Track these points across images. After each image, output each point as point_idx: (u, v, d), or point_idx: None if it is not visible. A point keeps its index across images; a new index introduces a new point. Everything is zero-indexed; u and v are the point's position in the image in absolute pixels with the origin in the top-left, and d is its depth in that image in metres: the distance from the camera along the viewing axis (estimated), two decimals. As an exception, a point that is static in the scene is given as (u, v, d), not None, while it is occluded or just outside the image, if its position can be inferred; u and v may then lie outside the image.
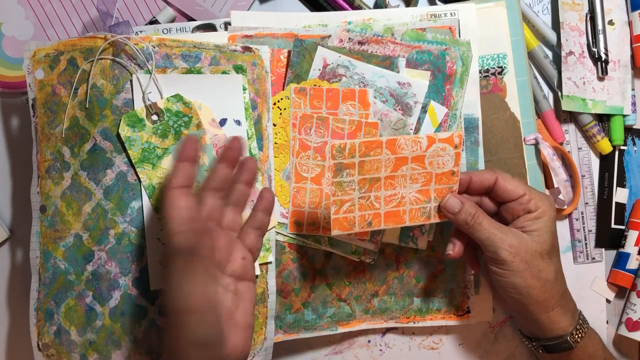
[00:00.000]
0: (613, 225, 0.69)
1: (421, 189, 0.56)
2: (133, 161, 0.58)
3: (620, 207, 0.69)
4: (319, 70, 0.61)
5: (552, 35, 0.68)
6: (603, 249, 0.69)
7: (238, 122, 0.60)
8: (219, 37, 0.61)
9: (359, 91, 0.61)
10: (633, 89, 0.68)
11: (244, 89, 0.60)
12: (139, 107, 0.58)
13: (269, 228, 0.60)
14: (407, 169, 0.55)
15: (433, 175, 0.56)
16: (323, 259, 0.63)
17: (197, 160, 0.50)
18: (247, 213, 0.56)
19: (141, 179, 0.58)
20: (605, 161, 0.69)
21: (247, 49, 0.61)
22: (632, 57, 0.67)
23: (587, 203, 0.69)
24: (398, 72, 0.62)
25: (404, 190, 0.56)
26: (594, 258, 0.69)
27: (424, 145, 0.55)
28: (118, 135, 0.58)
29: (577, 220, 0.69)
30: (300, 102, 0.61)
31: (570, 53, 0.67)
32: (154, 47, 0.59)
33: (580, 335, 0.57)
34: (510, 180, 0.57)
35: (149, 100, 0.59)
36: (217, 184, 0.52)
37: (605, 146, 0.68)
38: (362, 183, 0.54)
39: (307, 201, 0.61)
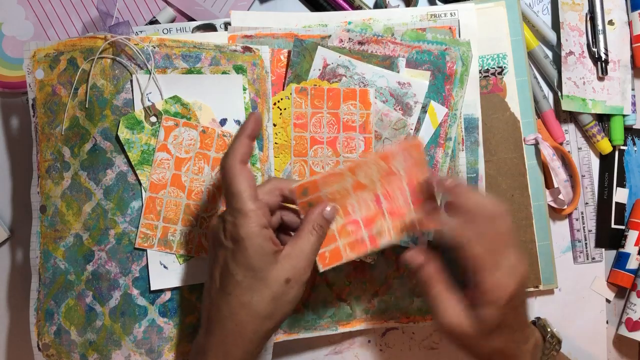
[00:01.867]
0: (613, 225, 0.69)
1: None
2: (133, 163, 0.58)
3: (620, 207, 0.69)
4: (319, 70, 0.61)
5: (552, 35, 0.68)
6: (603, 249, 0.69)
7: (238, 122, 0.60)
8: (219, 37, 0.61)
9: (360, 91, 0.61)
10: (633, 89, 0.68)
11: (244, 89, 0.60)
12: (138, 109, 0.58)
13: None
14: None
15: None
16: (323, 259, 0.63)
17: (255, 138, 0.51)
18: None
19: (141, 181, 0.58)
20: (605, 161, 0.69)
21: (247, 49, 0.61)
22: (632, 57, 0.67)
23: (587, 203, 0.69)
24: (398, 72, 0.62)
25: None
26: (594, 258, 0.69)
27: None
28: (117, 136, 0.58)
29: (577, 220, 0.69)
30: (301, 102, 0.61)
31: (570, 53, 0.67)
32: (154, 48, 0.59)
33: None
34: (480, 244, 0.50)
35: (148, 101, 0.59)
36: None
37: (605, 146, 0.68)
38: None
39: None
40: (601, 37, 0.66)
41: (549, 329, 0.57)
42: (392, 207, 0.54)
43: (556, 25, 0.69)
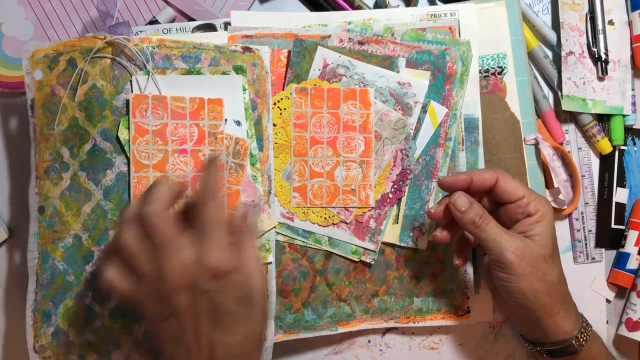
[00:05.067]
0: (613, 225, 0.69)
1: None
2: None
3: (620, 207, 0.69)
4: (319, 70, 0.61)
5: (552, 35, 0.68)
6: (603, 249, 0.69)
7: (238, 123, 0.60)
8: (219, 37, 0.61)
9: (360, 91, 0.61)
10: (633, 89, 0.68)
11: (244, 90, 0.60)
12: (139, 107, 0.58)
13: (269, 228, 0.60)
14: None
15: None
16: (323, 259, 0.63)
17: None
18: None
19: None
20: (605, 161, 0.69)
21: (247, 49, 0.61)
22: (632, 57, 0.67)
23: (587, 203, 0.69)
24: (398, 72, 0.62)
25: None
26: (594, 258, 0.69)
27: None
28: (117, 136, 0.58)
29: (577, 220, 0.69)
30: (301, 101, 0.61)
31: (570, 53, 0.67)
32: (154, 48, 0.59)
33: (584, 338, 0.57)
34: (510, 182, 0.57)
35: (148, 100, 0.59)
36: None
37: (605, 146, 0.68)
38: None
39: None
40: (601, 37, 0.66)
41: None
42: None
43: (556, 25, 0.69)
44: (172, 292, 0.45)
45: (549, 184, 0.67)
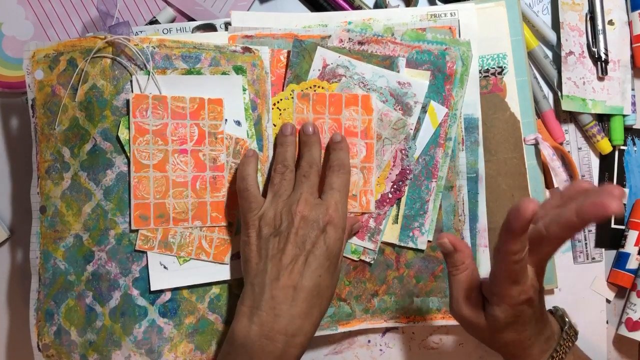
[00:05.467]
0: (613, 225, 0.69)
1: None
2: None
3: (620, 207, 0.69)
4: (319, 70, 0.61)
5: (552, 35, 0.68)
6: (603, 249, 0.69)
7: (238, 123, 0.60)
8: (219, 38, 0.61)
9: (362, 96, 0.61)
10: (633, 89, 0.68)
11: (244, 90, 0.60)
12: (139, 107, 0.59)
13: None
14: None
15: None
16: (323, 259, 0.63)
17: None
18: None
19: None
20: (605, 161, 0.69)
21: (247, 49, 0.61)
22: (632, 57, 0.67)
23: (587, 203, 0.69)
24: (398, 72, 0.62)
25: None
26: (594, 258, 0.69)
27: None
28: (118, 136, 0.58)
29: (577, 220, 0.69)
30: (303, 107, 0.61)
31: (570, 53, 0.67)
32: (154, 48, 0.59)
33: None
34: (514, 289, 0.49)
35: (149, 100, 0.59)
36: None
37: (605, 146, 0.68)
38: None
39: (152, 192, 0.59)
40: (601, 37, 0.66)
41: (567, 320, 0.55)
42: None
43: (556, 25, 0.69)
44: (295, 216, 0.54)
45: (549, 184, 0.67)
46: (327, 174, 0.58)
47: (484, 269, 0.63)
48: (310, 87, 0.62)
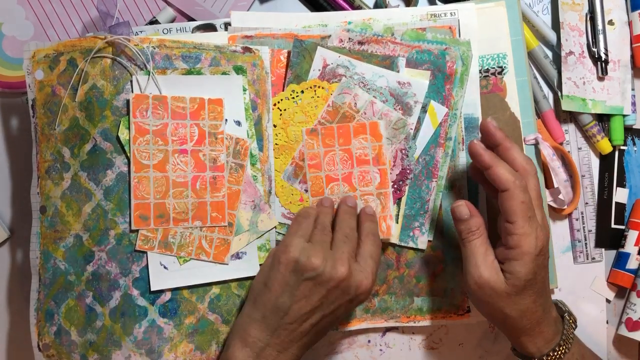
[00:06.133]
0: (613, 225, 0.69)
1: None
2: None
3: (620, 207, 0.69)
4: (319, 70, 0.61)
5: (552, 35, 0.68)
6: (603, 249, 0.69)
7: (238, 123, 0.60)
8: (219, 38, 0.61)
9: (369, 124, 0.61)
10: (633, 89, 0.68)
11: (244, 90, 0.60)
12: (139, 108, 0.59)
13: (269, 228, 0.61)
14: None
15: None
16: (323, 259, 0.63)
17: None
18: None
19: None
20: (605, 161, 0.69)
21: (247, 49, 0.61)
22: (632, 57, 0.67)
23: (587, 203, 0.69)
24: (398, 71, 0.62)
25: None
26: (594, 258, 0.69)
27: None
28: (118, 136, 0.58)
29: (577, 220, 0.69)
30: (312, 142, 0.61)
31: (570, 53, 0.67)
32: (154, 48, 0.59)
33: (555, 357, 0.56)
34: (516, 202, 0.53)
35: (149, 100, 0.59)
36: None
37: (605, 146, 0.68)
38: None
39: (152, 192, 0.59)
40: (601, 37, 0.66)
41: (565, 308, 0.60)
42: None
43: (556, 25, 0.69)
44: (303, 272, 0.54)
45: (549, 184, 0.67)
46: (363, 240, 0.58)
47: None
48: (311, 87, 0.62)
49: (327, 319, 0.55)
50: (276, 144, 0.62)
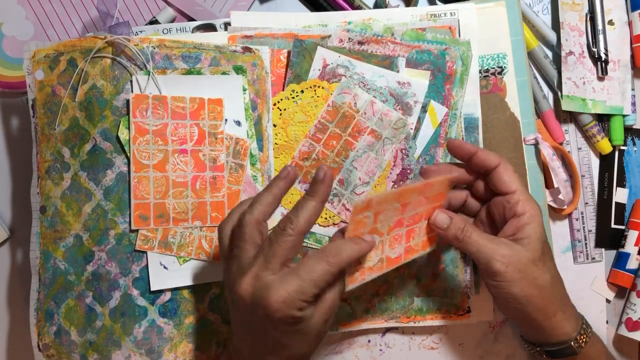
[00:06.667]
0: (613, 225, 0.69)
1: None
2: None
3: (620, 207, 0.69)
4: (319, 70, 0.62)
5: (552, 35, 0.68)
6: (603, 249, 0.69)
7: (238, 123, 0.60)
8: (219, 38, 0.61)
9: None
10: (633, 89, 0.68)
11: (244, 90, 0.60)
12: (139, 107, 0.59)
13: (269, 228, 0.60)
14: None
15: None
16: (323, 259, 0.63)
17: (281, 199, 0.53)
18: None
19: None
20: (605, 161, 0.69)
21: (247, 49, 0.61)
22: (632, 57, 0.67)
23: (587, 203, 0.69)
24: (398, 71, 0.62)
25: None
26: (594, 258, 0.69)
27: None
28: (118, 136, 0.58)
29: (577, 220, 0.69)
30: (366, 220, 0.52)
31: (570, 53, 0.67)
32: (154, 48, 0.59)
33: (584, 340, 0.56)
34: (509, 173, 0.56)
35: (149, 100, 0.59)
36: None
37: (605, 146, 0.68)
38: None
39: (152, 192, 0.59)
40: (601, 37, 0.66)
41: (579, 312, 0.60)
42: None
43: (556, 25, 0.69)
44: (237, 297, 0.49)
45: (549, 184, 0.67)
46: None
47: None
48: (311, 87, 0.62)
49: None
50: (276, 143, 0.62)
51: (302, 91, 0.62)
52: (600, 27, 0.66)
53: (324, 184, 0.49)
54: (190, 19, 0.66)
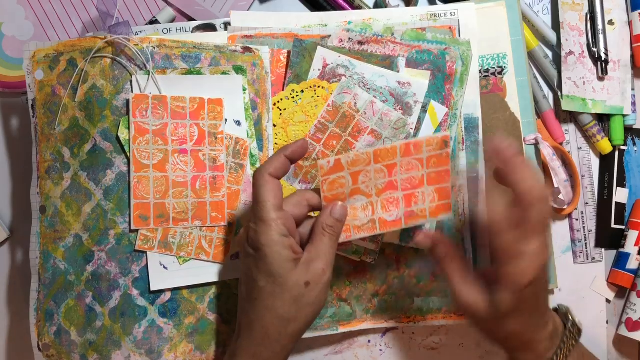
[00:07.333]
0: (613, 225, 0.69)
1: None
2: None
3: (620, 207, 0.69)
4: (319, 70, 0.62)
5: (552, 35, 0.68)
6: (603, 249, 0.69)
7: (238, 123, 0.60)
8: (219, 37, 0.61)
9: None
10: (633, 89, 0.68)
11: (244, 90, 0.60)
12: (139, 107, 0.59)
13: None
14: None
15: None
16: (323, 259, 0.63)
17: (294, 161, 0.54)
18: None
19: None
20: (605, 161, 0.69)
21: (247, 49, 0.61)
22: (632, 57, 0.67)
23: (587, 203, 0.69)
24: (398, 71, 0.62)
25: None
26: (594, 258, 0.69)
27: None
28: (118, 136, 0.58)
29: (577, 220, 0.69)
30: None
31: (570, 53, 0.67)
32: (154, 48, 0.59)
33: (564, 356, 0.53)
34: (534, 238, 0.48)
35: (149, 100, 0.59)
36: None
37: (605, 146, 0.68)
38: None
39: (152, 192, 0.59)
40: (601, 37, 0.66)
41: (570, 317, 0.55)
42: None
43: (556, 25, 0.69)
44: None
45: (549, 184, 0.67)
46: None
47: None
48: (311, 87, 0.62)
49: None
50: (276, 143, 0.62)
51: (302, 91, 0.62)
52: (600, 27, 0.66)
53: (295, 144, 0.52)
54: (190, 19, 0.66)
